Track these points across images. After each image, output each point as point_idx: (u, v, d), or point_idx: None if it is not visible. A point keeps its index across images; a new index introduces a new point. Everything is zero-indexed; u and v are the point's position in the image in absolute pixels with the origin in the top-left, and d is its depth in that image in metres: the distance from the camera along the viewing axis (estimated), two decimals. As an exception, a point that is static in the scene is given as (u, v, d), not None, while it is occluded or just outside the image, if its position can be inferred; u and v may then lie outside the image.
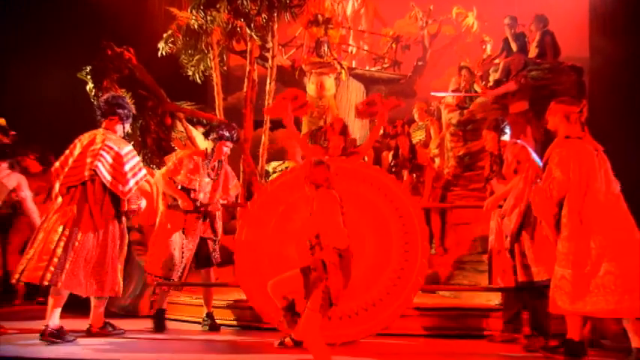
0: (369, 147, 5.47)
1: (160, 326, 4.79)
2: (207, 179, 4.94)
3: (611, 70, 7.75)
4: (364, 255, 4.28)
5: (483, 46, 7.95)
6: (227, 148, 4.99)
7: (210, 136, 5.09)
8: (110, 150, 4.25)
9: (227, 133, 4.95)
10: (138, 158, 4.47)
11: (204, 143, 7.75)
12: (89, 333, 4.40)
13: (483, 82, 7.30)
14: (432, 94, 6.68)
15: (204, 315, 4.99)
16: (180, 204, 4.81)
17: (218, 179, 5.00)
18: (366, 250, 4.31)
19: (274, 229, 4.41)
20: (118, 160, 4.27)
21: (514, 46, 6.97)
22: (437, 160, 7.30)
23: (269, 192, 4.55)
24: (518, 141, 4.67)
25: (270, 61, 7.56)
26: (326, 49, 8.13)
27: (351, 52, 9.43)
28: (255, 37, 7.29)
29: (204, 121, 7.82)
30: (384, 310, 4.27)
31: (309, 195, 3.69)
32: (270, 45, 7.56)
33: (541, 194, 3.83)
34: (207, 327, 4.91)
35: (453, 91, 7.35)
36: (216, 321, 4.96)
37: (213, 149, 4.97)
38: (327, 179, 3.69)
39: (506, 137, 4.67)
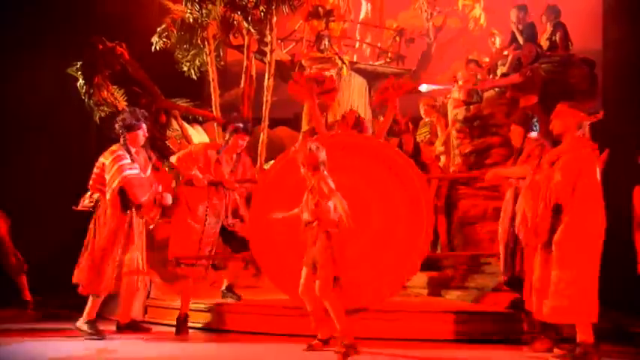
0: (381, 135, 5.39)
1: (181, 330, 4.85)
2: (226, 171, 5.11)
3: (626, 63, 7.43)
4: (370, 227, 4.61)
5: (492, 39, 7.64)
6: (243, 141, 5.17)
7: (227, 130, 5.22)
8: (101, 164, 4.74)
9: (242, 125, 5.13)
10: (120, 164, 4.67)
11: (201, 141, 7.54)
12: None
13: (491, 76, 7.01)
14: (420, 88, 6.34)
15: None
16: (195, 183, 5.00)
17: (236, 171, 5.16)
18: (372, 222, 4.62)
19: (285, 208, 4.56)
20: (102, 171, 4.73)
21: (521, 40, 6.71)
22: (442, 158, 7.03)
23: (276, 171, 4.88)
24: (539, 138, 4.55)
25: (268, 55, 7.34)
26: (327, 43, 7.86)
27: (358, 47, 9.14)
28: (252, 31, 7.11)
29: (201, 119, 7.61)
30: (391, 279, 4.63)
31: (306, 177, 4.07)
32: (268, 39, 7.35)
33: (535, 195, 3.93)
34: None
35: (460, 86, 7.06)
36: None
37: (227, 142, 5.16)
38: (323, 162, 4.01)
39: (534, 134, 4.53)
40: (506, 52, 7.20)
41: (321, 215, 3.97)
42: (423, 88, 6.17)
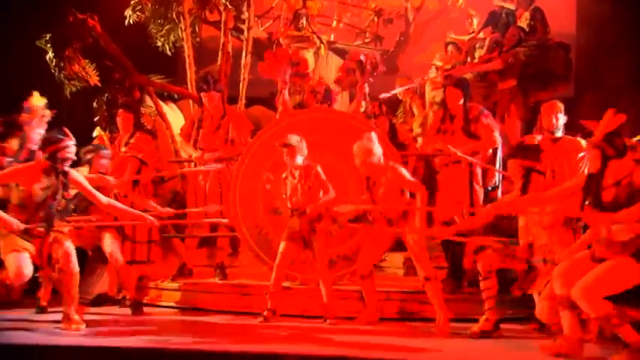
0: None
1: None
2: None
3: (600, 46, 7.53)
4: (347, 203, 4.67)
5: (468, 21, 7.67)
6: (205, 98, 5.23)
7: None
8: None
9: (203, 82, 5.28)
10: None
11: (176, 119, 7.41)
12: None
13: (468, 59, 7.05)
14: (381, 96, 6.31)
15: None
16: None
17: (218, 130, 5.21)
18: (348, 199, 4.70)
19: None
20: None
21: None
22: (419, 140, 7.05)
23: (258, 146, 5.08)
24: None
25: (245, 32, 7.25)
26: (304, 21, 7.77)
27: (335, 26, 9.06)
28: (229, 7, 7.00)
29: (176, 96, 7.46)
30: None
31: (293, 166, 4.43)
32: (245, 16, 7.26)
33: None
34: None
35: (438, 67, 7.07)
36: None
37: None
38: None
39: None
40: (481, 35, 7.24)
41: (313, 201, 4.37)
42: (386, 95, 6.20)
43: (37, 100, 4.64)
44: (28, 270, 3.80)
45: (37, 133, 4.48)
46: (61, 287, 3.98)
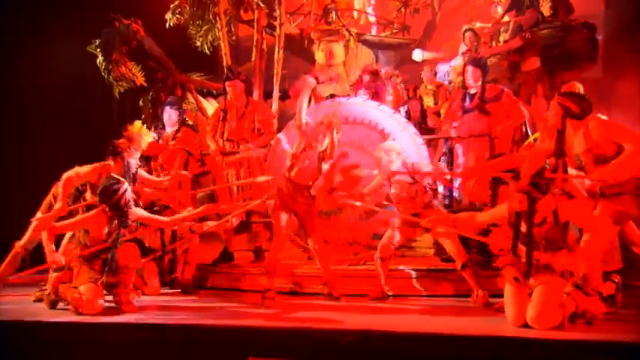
0: None
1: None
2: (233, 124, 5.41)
3: (628, 25, 7.49)
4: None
5: (494, 7, 7.77)
6: (229, 87, 5.41)
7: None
8: None
9: (229, 73, 5.51)
10: None
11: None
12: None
13: (493, 43, 7.17)
14: (414, 55, 6.34)
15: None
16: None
17: (243, 119, 5.38)
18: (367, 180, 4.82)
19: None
20: None
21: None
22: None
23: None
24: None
25: (277, 29, 7.51)
26: (334, 16, 8.06)
27: (356, 17, 9.30)
28: (262, 5, 7.28)
29: (215, 92, 7.86)
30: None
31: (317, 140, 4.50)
32: (277, 13, 7.51)
33: None
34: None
35: (463, 53, 7.24)
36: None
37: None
38: None
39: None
40: (507, 19, 7.33)
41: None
42: (417, 54, 6.28)
43: (136, 128, 4.76)
44: (101, 301, 4.11)
45: (135, 158, 4.69)
46: (120, 281, 4.24)
